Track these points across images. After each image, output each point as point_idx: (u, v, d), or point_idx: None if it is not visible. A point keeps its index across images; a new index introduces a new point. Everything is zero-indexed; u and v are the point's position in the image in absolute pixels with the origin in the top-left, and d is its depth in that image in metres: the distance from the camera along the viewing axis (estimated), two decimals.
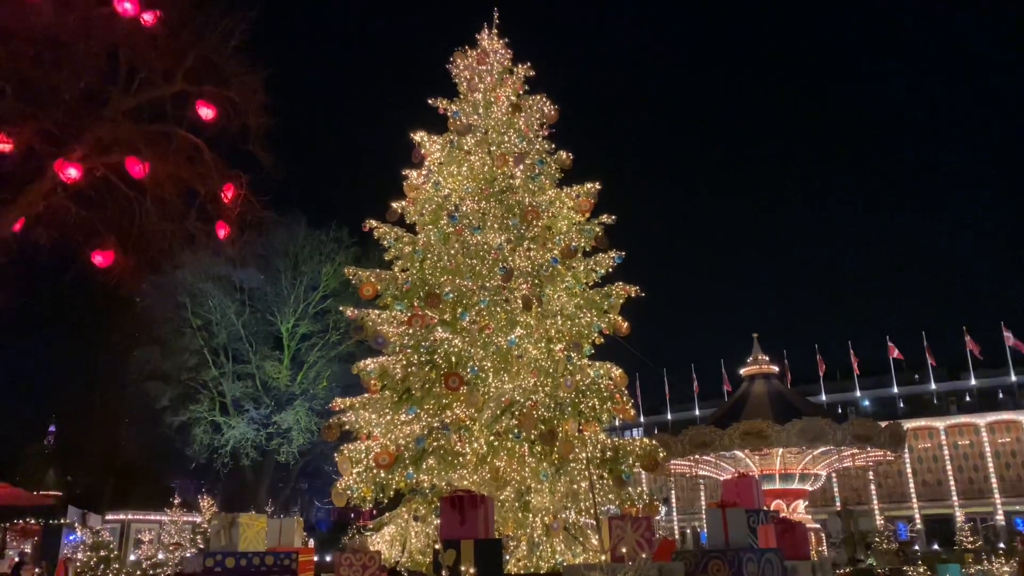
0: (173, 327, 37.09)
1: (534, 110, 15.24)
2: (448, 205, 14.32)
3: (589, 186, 14.74)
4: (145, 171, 14.52)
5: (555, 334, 13.39)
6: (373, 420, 13.24)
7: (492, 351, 12.98)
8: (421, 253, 14.02)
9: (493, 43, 15.73)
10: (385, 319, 13.60)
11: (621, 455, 12.78)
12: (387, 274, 14.01)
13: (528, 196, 14.22)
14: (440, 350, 12.51)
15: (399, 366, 12.88)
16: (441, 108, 15.15)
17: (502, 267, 13.24)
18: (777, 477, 25.34)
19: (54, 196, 14.61)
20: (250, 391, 36.79)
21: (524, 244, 13.72)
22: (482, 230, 13.78)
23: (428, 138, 14.92)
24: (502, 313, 13.24)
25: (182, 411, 36.13)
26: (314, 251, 38.16)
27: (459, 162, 14.71)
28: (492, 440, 12.52)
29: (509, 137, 14.80)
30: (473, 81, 15.37)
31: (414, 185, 14.84)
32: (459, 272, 13.55)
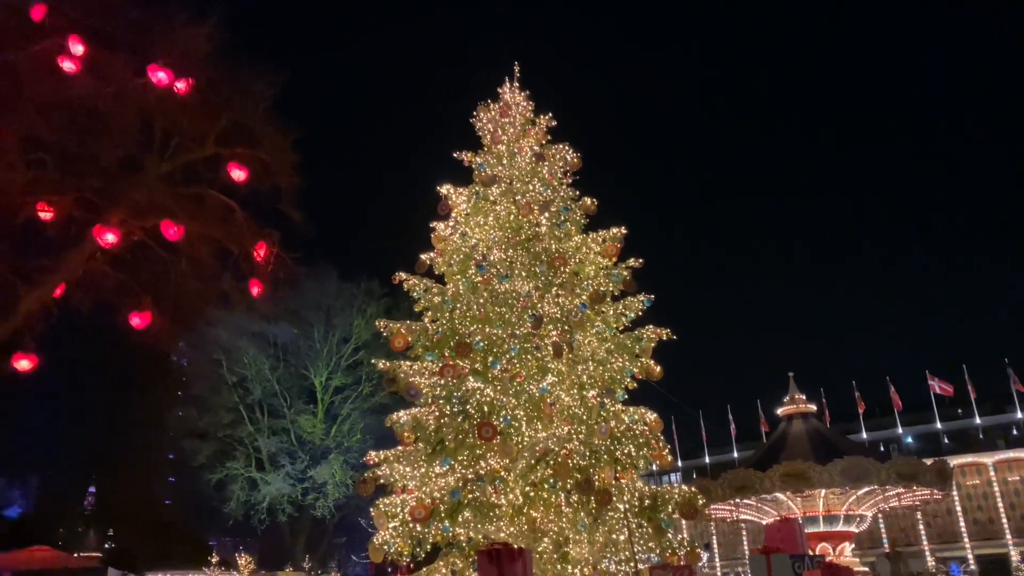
0: (209, 384, 37.50)
1: (557, 159, 15.43)
2: (475, 255, 14.45)
3: (615, 231, 14.80)
4: (180, 233, 14.85)
5: (587, 380, 13.33)
6: (408, 473, 13.21)
7: (524, 399, 12.95)
8: (450, 303, 14.11)
9: (515, 96, 16.04)
10: (417, 370, 13.66)
11: (660, 502, 12.57)
12: (418, 325, 14.11)
13: (554, 243, 14.31)
14: (472, 400, 12.51)
15: (432, 417, 12.89)
16: (466, 161, 15.40)
17: (531, 314, 13.27)
18: (821, 519, 24.65)
19: (93, 261, 14.96)
20: (285, 446, 36.90)
21: (552, 291, 13.76)
22: (510, 278, 13.86)
23: (454, 190, 15.14)
24: (533, 361, 13.22)
25: (219, 468, 36.29)
26: (346, 304, 38.53)
27: (485, 212, 14.89)
28: (528, 490, 12.41)
29: (533, 186, 14.97)
30: (496, 133, 15.63)
31: (442, 236, 15.02)
32: (489, 321, 13.61)
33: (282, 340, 38.10)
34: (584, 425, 12.87)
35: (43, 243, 14.54)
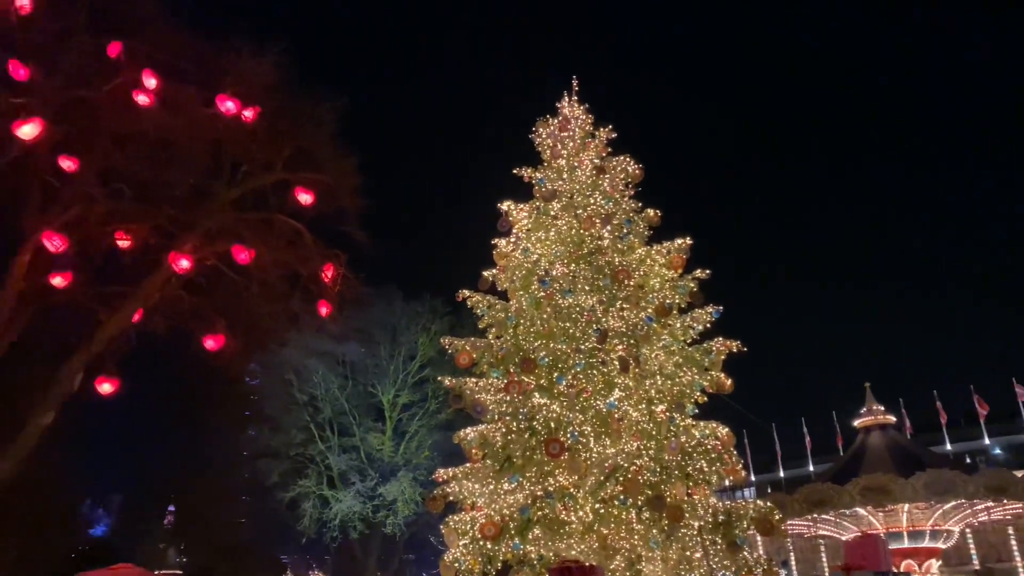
0: (281, 404, 38.26)
1: (618, 171, 15.30)
2: (538, 270, 14.40)
3: (680, 242, 14.58)
4: (250, 257, 15.26)
5: (655, 395, 13.11)
6: (476, 490, 13.19)
7: (591, 415, 12.81)
8: (514, 319, 14.09)
9: (574, 110, 16.01)
10: (482, 387, 13.66)
11: (734, 518, 12.25)
12: (482, 342, 14.12)
13: (618, 256, 14.16)
14: (539, 416, 12.43)
15: (499, 434, 12.85)
16: (526, 176, 15.40)
17: (596, 329, 13.14)
18: (905, 535, 23.68)
19: (168, 286, 15.47)
20: (355, 463, 37.35)
21: (617, 304, 13.60)
22: (573, 293, 13.77)
23: (515, 206, 15.16)
24: (599, 376, 13.08)
25: (291, 486, 36.91)
26: (410, 322, 38.90)
27: (546, 227, 14.85)
28: (598, 507, 12.24)
29: (595, 199, 14.87)
30: (556, 148, 15.60)
31: (503, 253, 15.03)
32: (553, 336, 13.53)
33: (350, 359, 38.66)
34: (654, 440, 12.65)
35: (121, 270, 15.13)
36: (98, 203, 13.89)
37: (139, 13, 14.13)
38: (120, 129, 14.09)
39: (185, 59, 14.39)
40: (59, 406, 13.70)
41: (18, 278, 13.00)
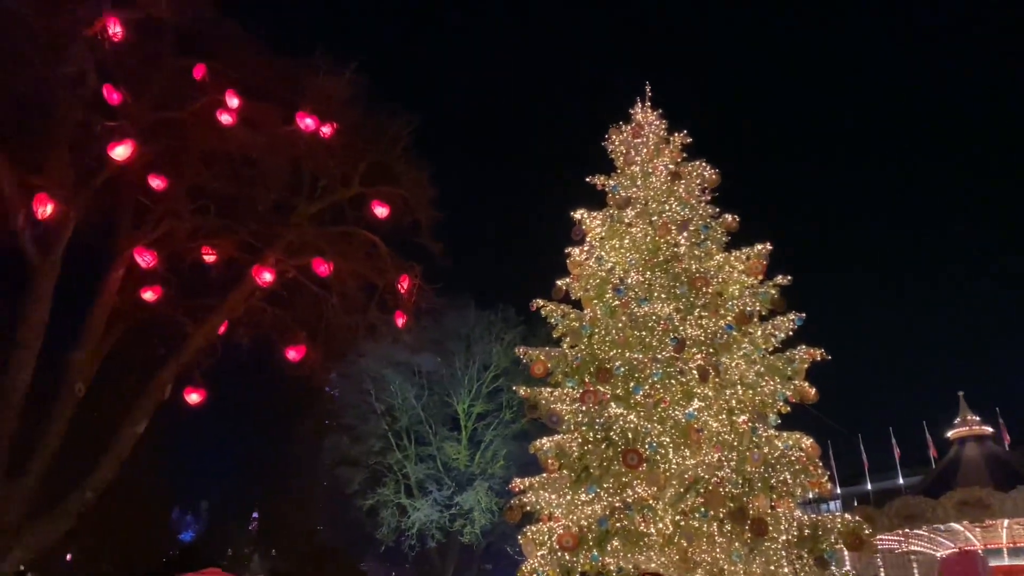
0: (359, 413, 38.98)
1: (694, 176, 15.04)
2: (612, 278, 14.26)
3: (759, 247, 14.21)
4: (330, 270, 15.60)
5: (736, 405, 12.79)
6: (553, 500, 13.11)
7: (670, 426, 12.59)
8: (589, 328, 13.97)
9: (647, 116, 15.83)
10: (558, 397, 13.58)
11: (821, 533, 11.83)
12: (556, 351, 14.06)
13: (695, 263, 13.90)
14: (615, 426, 12.29)
15: (575, 444, 12.76)
16: (599, 184, 15.30)
17: (673, 338, 12.92)
18: (1005, 552, 22.49)
19: (252, 299, 15.93)
20: (432, 472, 37.72)
21: (695, 312, 13.35)
22: (649, 301, 13.57)
23: (588, 214, 15.06)
24: (677, 385, 12.85)
25: (370, 495, 37.50)
26: (484, 332, 39.13)
27: (620, 235, 14.70)
28: (678, 519, 12.01)
29: (670, 205, 14.66)
30: (629, 155, 15.46)
31: (577, 262, 14.94)
32: (629, 345, 13.35)
33: (425, 368, 39.11)
34: (735, 452, 12.34)
35: (208, 284, 15.66)
36: (185, 220, 14.42)
37: (222, 36, 14.64)
38: (206, 148, 14.62)
39: (266, 79, 14.83)
40: (151, 415, 14.23)
41: (112, 293, 13.59)
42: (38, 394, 12.49)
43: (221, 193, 15.04)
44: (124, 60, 13.63)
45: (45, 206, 12.00)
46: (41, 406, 12.57)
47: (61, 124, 12.90)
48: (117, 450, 13.40)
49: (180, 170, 14.43)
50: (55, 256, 12.78)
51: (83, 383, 13.01)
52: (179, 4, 13.77)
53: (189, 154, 14.54)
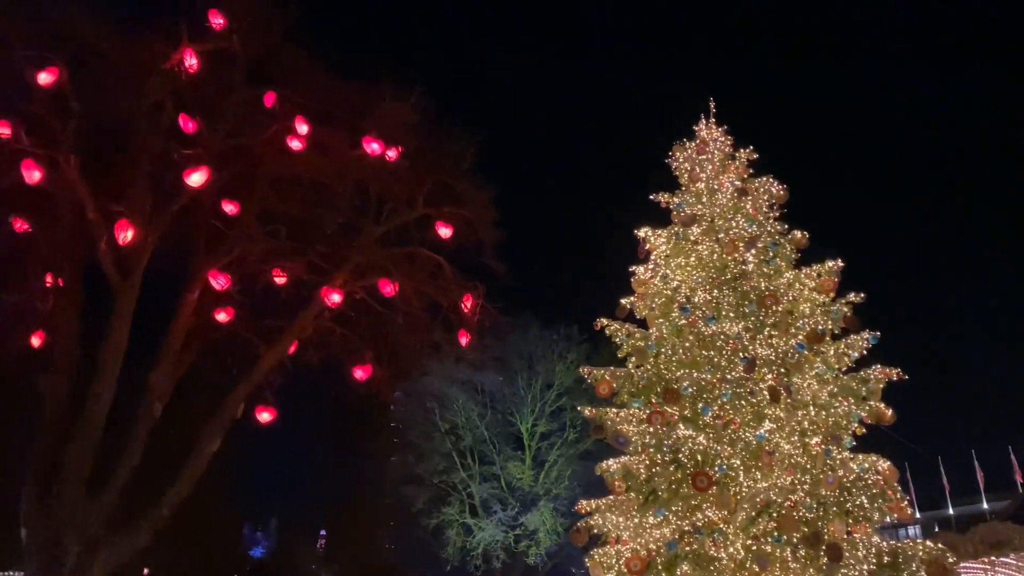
0: (424, 432, 39.26)
1: (761, 192, 14.75)
2: (679, 297, 14.05)
3: (831, 264, 13.82)
4: (395, 290, 15.82)
5: (809, 426, 12.41)
6: (620, 523, 12.91)
7: (740, 447, 12.28)
8: (655, 348, 13.78)
9: (712, 132, 15.61)
10: (624, 417, 13.40)
11: (901, 560, 11.36)
12: (622, 371, 13.89)
13: (764, 281, 13.60)
14: (684, 448, 12.05)
15: (642, 466, 12.55)
16: (663, 202, 15.13)
17: (743, 357, 12.64)
18: None
19: (320, 319, 16.24)
20: (496, 492, 37.67)
21: (764, 331, 13.04)
22: (717, 320, 13.31)
23: (652, 232, 14.90)
24: (747, 406, 12.54)
25: (435, 513, 37.65)
26: (547, 350, 39.05)
27: (686, 253, 14.49)
28: (750, 544, 11.69)
29: (737, 222, 14.38)
30: (694, 171, 15.26)
31: (642, 280, 14.77)
32: (696, 365, 13.11)
33: (489, 387, 39.22)
34: (808, 475, 11.96)
35: (278, 305, 16.04)
36: (257, 243, 14.82)
37: (291, 65, 15.08)
38: (276, 173, 15.04)
39: (333, 105, 15.20)
40: (224, 433, 14.59)
41: (188, 315, 14.04)
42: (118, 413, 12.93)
43: (291, 217, 15.44)
44: (199, 90, 14.16)
45: (126, 232, 12.49)
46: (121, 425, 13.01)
47: (141, 153, 13.44)
48: (192, 468, 13.77)
49: (252, 195, 14.86)
50: (134, 279, 13.28)
51: (160, 402, 13.43)
52: (249, 36, 14.25)
53: (260, 179, 14.97)
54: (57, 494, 11.83)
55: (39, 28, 12.60)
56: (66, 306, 13.16)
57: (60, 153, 12.41)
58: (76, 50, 12.83)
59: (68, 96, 12.62)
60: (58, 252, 13.44)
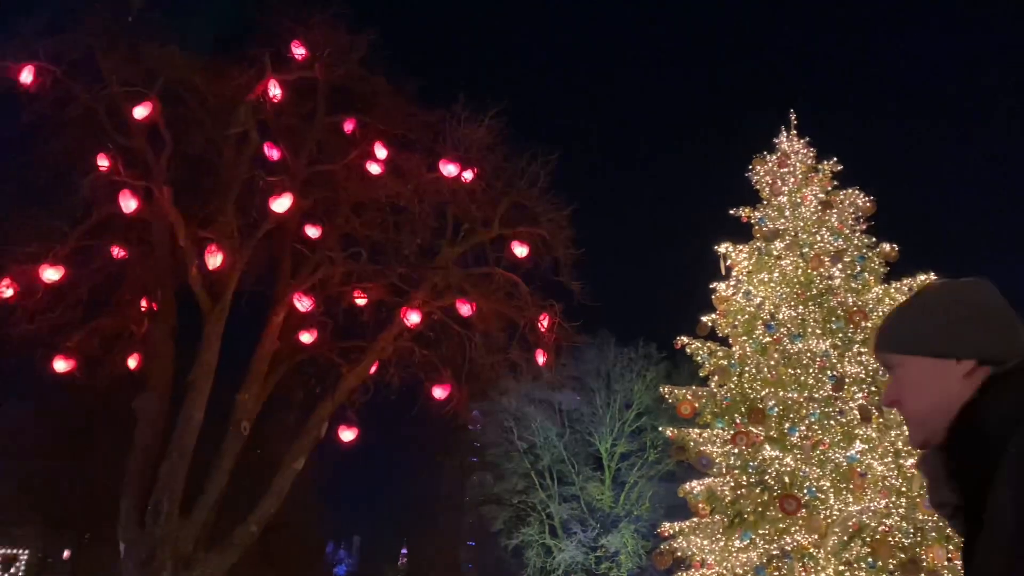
0: (502, 451, 39.28)
1: (846, 205, 14.33)
2: (762, 314, 13.73)
3: (922, 278, 13.28)
4: (472, 310, 15.88)
5: (903, 447, 11.90)
6: (705, 546, 12.62)
7: (830, 469, 11.87)
8: (738, 366, 13.49)
9: (793, 144, 15.28)
10: (707, 438, 13.14)
11: None
12: (704, 391, 13.63)
13: (851, 296, 13.18)
14: (770, 470, 11.73)
15: (727, 488, 12.26)
16: (744, 217, 14.86)
17: (831, 375, 12.24)
18: None
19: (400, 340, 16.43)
20: (576, 513, 37.31)
21: (853, 348, 12.62)
22: (803, 337, 12.95)
23: (734, 248, 14.63)
24: (837, 426, 12.12)
25: (515, 534, 37.51)
26: (625, 369, 38.61)
27: (769, 268, 14.17)
28: (842, 570, 11.24)
29: (821, 236, 14.01)
30: (776, 185, 14.94)
31: (723, 297, 14.50)
32: (782, 384, 12.76)
33: (566, 407, 38.97)
34: (904, 497, 11.45)
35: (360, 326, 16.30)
36: (339, 265, 15.12)
37: (370, 92, 15.42)
38: (357, 198, 15.36)
39: (410, 129, 15.46)
40: (309, 452, 14.87)
41: (274, 336, 14.39)
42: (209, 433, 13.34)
43: (371, 239, 15.71)
44: (282, 119, 14.62)
45: (215, 257, 12.92)
46: (211, 444, 13.41)
47: (229, 181, 13.93)
48: (278, 486, 14.05)
49: (333, 219, 15.21)
50: (224, 303, 13.71)
51: (248, 422, 13.77)
52: (330, 65, 14.64)
53: (342, 204, 15.30)
54: (152, 510, 12.23)
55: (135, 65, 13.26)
56: (160, 329, 13.67)
57: (154, 183, 12.95)
58: (168, 84, 13.44)
59: (161, 129, 13.19)
60: (153, 277, 14.01)
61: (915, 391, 1.76)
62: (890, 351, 1.84)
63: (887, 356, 1.86)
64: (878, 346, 1.89)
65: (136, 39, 13.45)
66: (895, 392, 1.82)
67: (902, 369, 1.80)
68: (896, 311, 1.93)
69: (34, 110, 12.93)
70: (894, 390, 1.82)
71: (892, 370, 1.83)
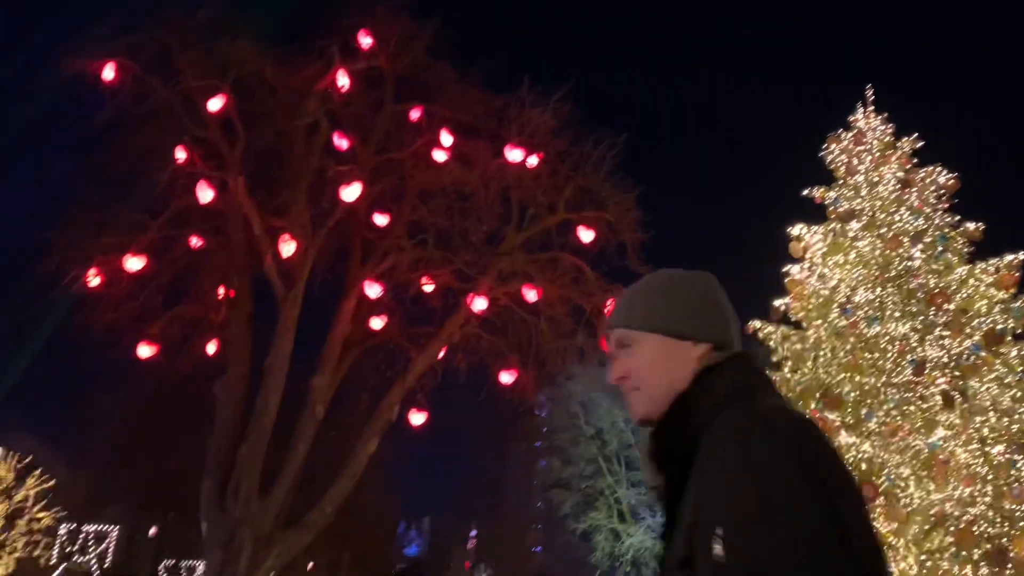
0: (569, 436, 39.32)
1: (927, 183, 13.77)
2: (838, 297, 13.34)
3: (1010, 258, 12.68)
4: (538, 296, 15.89)
5: (989, 434, 11.44)
6: None
7: (910, 456, 11.49)
8: (812, 351, 13.16)
9: (870, 121, 14.74)
10: None
11: None
12: (778, 376, 13.35)
13: (932, 277, 12.69)
14: (848, 457, 11.41)
15: None
16: (818, 198, 14.44)
17: (910, 360, 11.83)
18: None
19: (467, 325, 16.56)
20: (644, 498, 37.10)
21: (935, 332, 12.15)
22: (881, 321, 12.53)
23: (807, 230, 14.24)
24: (917, 412, 11.71)
25: (583, 518, 37.58)
26: None
27: (845, 250, 13.74)
28: (924, 560, 10.90)
29: (900, 216, 13.50)
30: (851, 164, 14.45)
31: (796, 280, 14.14)
32: (859, 369, 12.38)
33: None
34: (990, 486, 11.02)
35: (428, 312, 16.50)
36: (407, 253, 15.32)
37: (435, 79, 15.51)
38: (423, 185, 15.51)
39: (476, 115, 15.49)
40: (380, 436, 15.16)
41: (346, 322, 14.69)
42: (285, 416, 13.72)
43: (438, 227, 15.85)
44: (350, 109, 14.83)
45: (288, 245, 13.24)
46: (288, 427, 13.79)
47: (300, 171, 14.23)
48: (352, 468, 14.37)
49: (401, 207, 15.39)
50: (298, 290, 14.05)
51: (322, 406, 14.11)
52: (396, 53, 14.77)
53: (408, 191, 15.48)
54: (232, 492, 12.65)
55: (208, 59, 13.63)
56: (237, 316, 14.09)
57: (229, 174, 13.32)
58: (240, 77, 13.77)
59: (234, 121, 13.54)
60: (229, 266, 14.44)
61: (651, 368, 1.80)
62: (630, 328, 1.86)
63: (625, 332, 1.87)
64: (614, 322, 1.91)
65: (208, 34, 13.81)
66: (625, 367, 1.85)
67: (639, 346, 1.83)
68: (632, 291, 1.96)
69: (115, 106, 13.43)
70: (624, 365, 1.85)
71: (627, 347, 1.85)
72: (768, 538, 1.31)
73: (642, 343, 1.83)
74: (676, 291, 1.88)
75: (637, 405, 1.85)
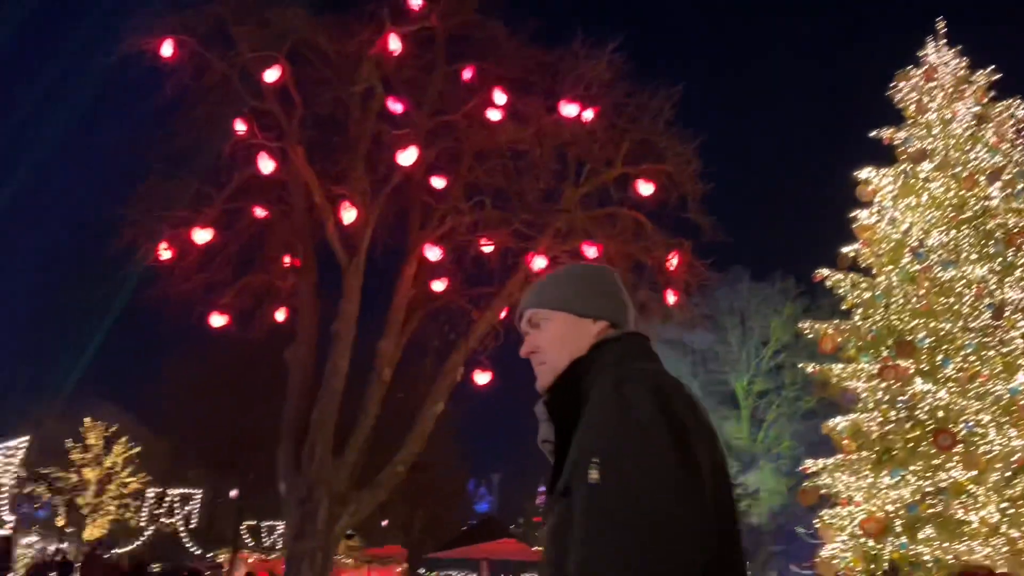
0: None
1: (1004, 117, 13.11)
2: (910, 241, 12.91)
3: None
4: (599, 252, 15.76)
5: None
6: (852, 483, 12.22)
7: (990, 402, 11.15)
8: (883, 298, 12.80)
9: (942, 55, 14.05)
10: (851, 373, 12.60)
11: None
12: (847, 324, 13.06)
13: (1012, 216, 12.15)
14: (922, 405, 11.14)
15: (874, 424, 11.78)
16: (887, 139, 13.90)
17: (989, 303, 11.41)
18: None
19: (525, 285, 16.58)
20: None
21: (1015, 273, 11.67)
22: (957, 264, 12.09)
23: (876, 173, 13.74)
24: (997, 357, 11.33)
25: None
26: (760, 305, 37.50)
27: (917, 192, 13.24)
28: (1005, 507, 10.63)
29: (976, 154, 12.92)
30: (922, 102, 13.84)
31: (866, 226, 13.72)
32: (934, 314, 12.02)
33: (699, 346, 38.37)
34: None
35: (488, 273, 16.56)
36: (464, 215, 15.34)
37: (487, 37, 15.33)
38: (478, 146, 15.44)
39: (529, 72, 15.29)
40: (447, 396, 15.41)
41: (408, 286, 14.87)
42: (354, 379, 14.04)
43: (494, 187, 15.82)
44: (404, 72, 14.82)
45: (349, 212, 13.41)
46: (358, 390, 14.12)
47: (357, 138, 14.33)
48: (421, 428, 14.67)
49: (457, 169, 15.39)
50: (360, 256, 14.25)
51: (389, 368, 14.38)
52: (447, 13, 14.64)
53: (464, 153, 15.44)
54: (307, 453, 13.06)
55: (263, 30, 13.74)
56: (304, 284, 14.40)
57: (288, 144, 13.50)
58: (294, 46, 13.86)
59: (291, 90, 13.68)
60: (293, 235, 14.73)
61: (558, 342, 2.08)
62: (541, 308, 2.14)
63: (535, 312, 2.15)
64: (528, 304, 2.19)
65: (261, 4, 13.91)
66: (535, 342, 2.14)
67: (547, 323, 2.11)
68: (542, 280, 2.30)
69: (175, 81, 13.70)
70: (534, 340, 2.14)
71: (537, 326, 2.13)
72: (633, 463, 1.64)
73: (550, 321, 2.11)
74: (579, 279, 2.20)
75: (544, 377, 2.12)
